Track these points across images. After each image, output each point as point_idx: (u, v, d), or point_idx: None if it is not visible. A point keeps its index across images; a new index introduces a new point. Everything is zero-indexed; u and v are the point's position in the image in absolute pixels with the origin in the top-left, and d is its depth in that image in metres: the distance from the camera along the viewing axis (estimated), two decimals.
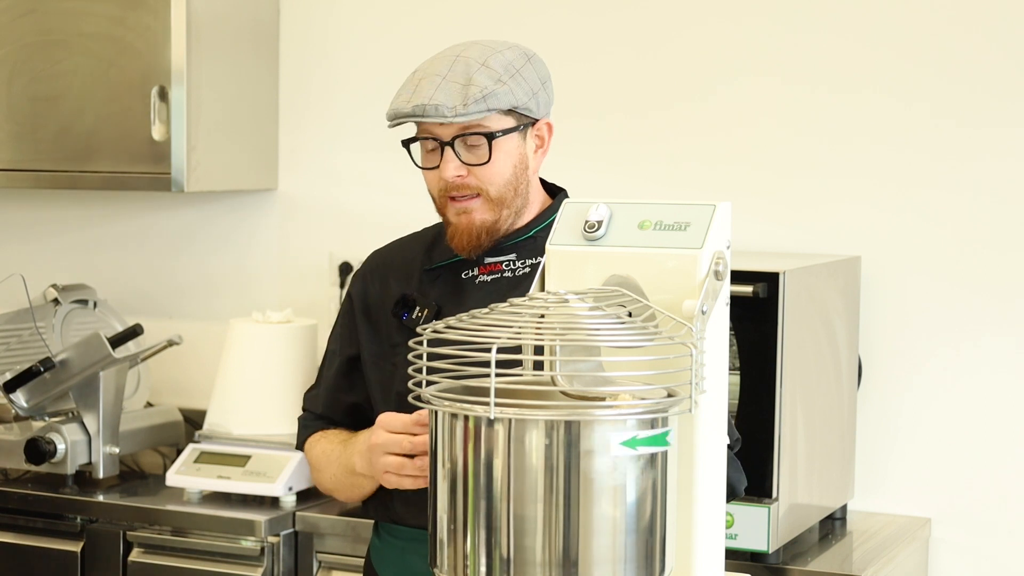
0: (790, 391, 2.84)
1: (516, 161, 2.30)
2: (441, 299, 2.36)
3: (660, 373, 1.64)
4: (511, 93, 2.25)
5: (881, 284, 3.27)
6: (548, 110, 2.35)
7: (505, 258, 2.35)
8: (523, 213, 2.35)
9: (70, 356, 3.43)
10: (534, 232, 2.36)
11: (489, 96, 2.23)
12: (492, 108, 2.23)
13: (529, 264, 2.34)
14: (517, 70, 2.28)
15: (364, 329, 2.44)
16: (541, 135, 2.35)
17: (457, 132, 2.26)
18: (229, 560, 3.21)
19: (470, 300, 2.30)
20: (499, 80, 2.25)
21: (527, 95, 2.28)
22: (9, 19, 3.66)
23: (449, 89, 2.23)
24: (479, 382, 1.60)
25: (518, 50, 2.32)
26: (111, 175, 3.59)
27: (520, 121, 2.29)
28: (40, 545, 3.38)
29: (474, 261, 2.36)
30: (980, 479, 3.22)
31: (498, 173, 2.29)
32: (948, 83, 3.22)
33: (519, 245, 2.36)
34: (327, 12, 3.75)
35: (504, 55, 2.29)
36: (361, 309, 2.45)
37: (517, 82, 2.27)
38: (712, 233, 1.75)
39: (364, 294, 2.46)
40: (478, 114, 2.23)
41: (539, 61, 2.35)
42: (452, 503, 1.62)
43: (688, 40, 3.43)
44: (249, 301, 3.79)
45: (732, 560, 2.10)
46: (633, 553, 1.60)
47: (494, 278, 2.35)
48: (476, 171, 2.28)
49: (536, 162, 2.35)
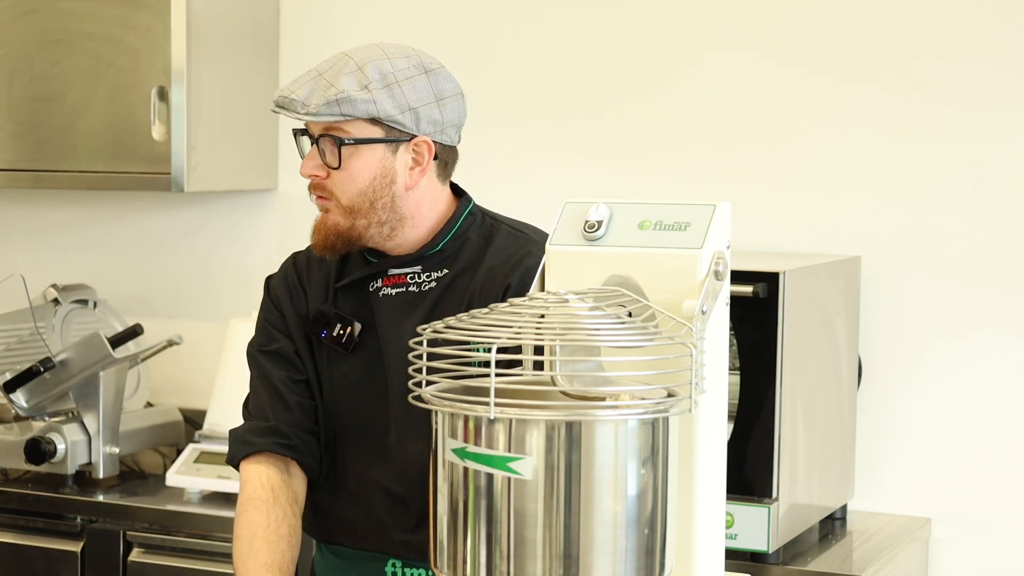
0: (790, 391, 2.84)
1: (376, 173, 2.21)
2: (356, 314, 2.30)
3: (660, 373, 1.64)
4: (373, 103, 2.17)
5: (881, 284, 3.27)
6: (437, 129, 2.23)
7: (410, 270, 2.29)
8: (403, 227, 2.26)
9: (70, 356, 3.43)
10: (441, 246, 2.29)
11: (343, 101, 2.16)
12: (346, 114, 2.17)
13: (435, 278, 2.28)
14: (397, 81, 2.19)
15: (298, 334, 2.36)
16: (420, 152, 2.23)
17: (320, 132, 2.21)
18: (229, 560, 3.20)
19: (378, 313, 2.28)
20: (365, 87, 2.17)
21: (397, 108, 2.18)
22: (9, 19, 3.66)
23: (315, 86, 2.18)
24: (479, 382, 1.60)
25: (415, 60, 2.23)
26: (111, 175, 3.59)
27: (388, 134, 2.20)
28: (40, 545, 3.38)
29: (379, 273, 2.30)
30: (980, 479, 3.22)
31: (351, 181, 2.21)
32: (949, 84, 3.22)
33: (425, 258, 2.29)
34: (327, 12, 3.75)
35: (392, 63, 2.20)
36: (295, 318, 2.36)
37: (389, 93, 2.18)
38: (712, 233, 1.75)
39: (293, 303, 2.37)
40: (329, 116, 2.17)
41: (443, 76, 2.24)
42: (452, 503, 1.62)
43: (687, 42, 3.43)
44: (249, 301, 3.78)
45: (732, 560, 2.10)
46: (633, 553, 1.60)
47: (399, 291, 2.29)
48: (333, 174, 2.22)
49: (413, 179, 2.24)
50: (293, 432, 2.33)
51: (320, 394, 2.35)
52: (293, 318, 2.36)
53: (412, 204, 2.26)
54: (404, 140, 2.22)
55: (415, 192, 2.26)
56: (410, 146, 2.23)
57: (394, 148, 2.22)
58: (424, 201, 2.27)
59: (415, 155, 2.24)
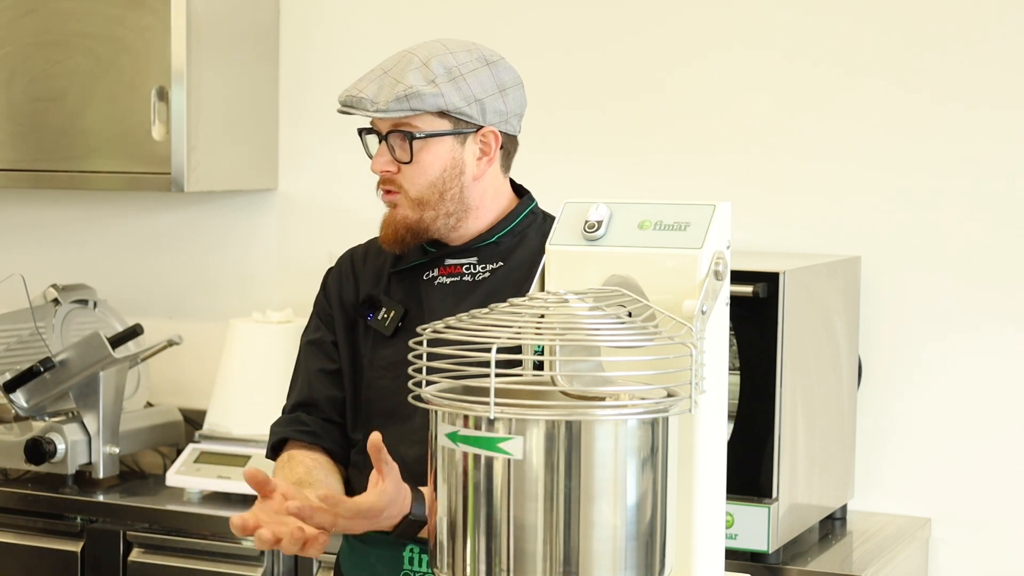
0: (790, 391, 2.84)
1: (447, 165, 2.28)
2: (405, 301, 2.36)
3: (660, 373, 1.64)
4: (441, 96, 2.23)
5: (881, 284, 3.27)
6: (502, 119, 2.31)
7: (466, 261, 2.35)
8: (468, 217, 2.33)
9: (70, 356, 3.43)
10: (497, 238, 2.35)
11: (412, 96, 2.22)
12: (416, 108, 2.23)
13: (490, 269, 2.34)
14: (461, 74, 2.25)
15: (340, 328, 2.43)
16: (487, 143, 2.30)
17: (390, 127, 2.27)
18: (229, 560, 3.21)
19: (429, 301, 2.33)
20: (432, 81, 2.23)
21: (464, 100, 2.25)
22: (9, 19, 3.66)
23: (382, 83, 2.25)
24: (479, 382, 1.60)
25: (476, 53, 2.29)
26: (111, 175, 3.59)
27: (456, 126, 2.27)
28: (40, 545, 3.38)
29: (435, 262, 2.36)
30: (980, 479, 3.22)
31: (421, 174, 2.27)
32: (950, 81, 3.22)
33: (481, 249, 2.35)
34: (327, 12, 3.75)
35: (455, 57, 2.26)
36: (339, 305, 2.44)
37: (455, 86, 2.24)
38: (712, 233, 1.75)
39: (340, 291, 2.45)
40: (398, 112, 2.23)
41: (504, 67, 2.31)
42: (452, 504, 1.62)
43: (687, 39, 3.43)
44: (249, 301, 3.79)
45: (732, 560, 2.10)
46: (633, 553, 1.60)
47: (453, 280, 2.34)
48: (403, 168, 2.28)
49: (480, 169, 2.31)
50: (313, 421, 2.41)
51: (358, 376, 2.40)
52: (338, 307, 2.43)
53: (478, 194, 2.33)
54: (471, 131, 2.29)
55: (482, 182, 2.33)
56: (477, 137, 2.30)
57: (462, 139, 2.29)
58: (488, 192, 2.34)
59: (483, 145, 2.31)
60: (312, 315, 2.50)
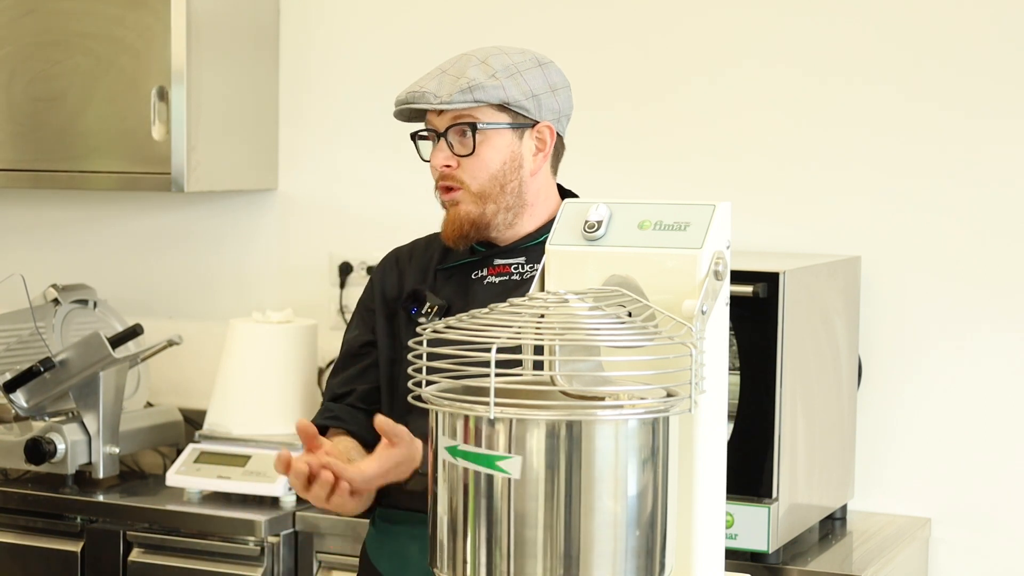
0: (790, 391, 2.84)
1: (506, 158, 2.34)
2: (451, 297, 2.40)
3: (660, 373, 1.64)
4: (502, 88, 2.30)
5: (881, 284, 3.27)
6: (555, 117, 2.38)
7: (515, 261, 2.40)
8: (524, 214, 2.39)
9: (70, 356, 3.43)
10: (543, 238, 2.36)
11: (476, 88, 2.29)
12: (479, 100, 2.29)
13: (536, 268, 2.34)
14: (518, 71, 2.33)
15: (380, 320, 2.48)
16: (543, 138, 2.37)
17: (450, 122, 2.32)
18: (229, 560, 3.21)
19: (476, 300, 2.35)
20: (492, 76, 2.30)
21: (523, 95, 2.32)
22: (9, 19, 3.66)
23: (442, 80, 2.31)
24: (479, 382, 1.59)
25: (530, 55, 2.37)
26: (111, 175, 3.59)
27: (515, 119, 2.33)
28: (40, 545, 3.38)
29: (484, 261, 2.40)
30: (980, 479, 3.22)
31: (482, 166, 2.33)
32: (950, 83, 3.22)
33: (530, 249, 2.39)
34: (327, 12, 3.75)
35: (510, 57, 2.34)
36: (380, 299, 2.50)
37: (514, 81, 2.32)
38: (712, 233, 1.75)
39: (383, 285, 2.50)
40: (462, 103, 2.29)
41: (555, 70, 2.39)
42: (452, 503, 1.62)
43: (687, 40, 3.43)
44: (249, 301, 3.79)
45: (732, 560, 2.10)
46: (633, 553, 1.60)
47: (502, 279, 2.39)
48: (463, 162, 2.33)
49: (536, 164, 2.37)
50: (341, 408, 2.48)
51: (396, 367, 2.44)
52: (380, 301, 2.49)
53: (534, 191, 2.39)
54: (529, 126, 2.35)
55: (538, 178, 2.39)
56: (534, 132, 2.36)
57: (520, 133, 2.35)
58: (543, 190, 2.41)
59: (538, 140, 2.37)
60: (356, 312, 2.56)
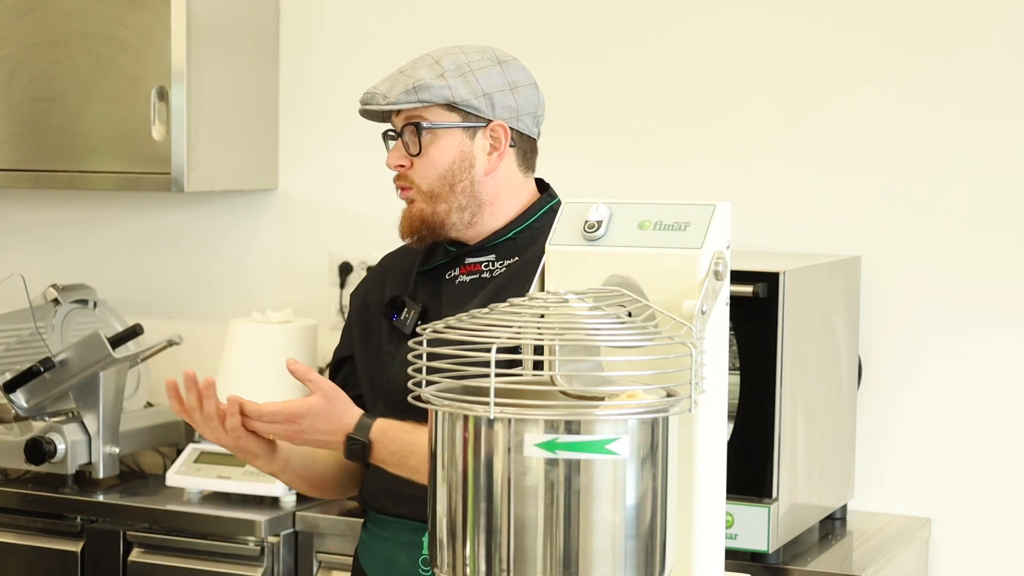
0: (790, 391, 2.84)
1: (455, 158, 2.32)
2: (427, 300, 2.40)
3: (660, 373, 1.64)
4: (448, 88, 2.29)
5: (881, 284, 3.27)
6: (513, 115, 2.34)
7: (484, 259, 2.38)
8: (483, 213, 2.36)
9: (70, 356, 3.43)
10: (513, 234, 2.38)
11: (420, 88, 2.28)
12: (423, 100, 2.28)
13: (506, 265, 2.36)
14: (471, 70, 2.31)
15: (357, 332, 2.49)
16: (496, 137, 2.34)
17: (403, 123, 2.33)
18: (229, 560, 3.21)
19: (449, 300, 2.36)
20: (440, 75, 2.29)
21: (472, 93, 2.30)
22: (9, 19, 3.66)
23: (395, 81, 2.32)
24: (479, 382, 1.59)
25: (489, 53, 2.35)
26: (111, 175, 3.59)
27: (465, 119, 2.32)
28: (40, 545, 3.38)
29: (456, 261, 2.39)
30: (980, 479, 3.22)
31: (431, 166, 2.32)
32: (949, 83, 3.22)
33: (498, 246, 2.38)
34: (327, 12, 3.75)
35: (467, 55, 2.33)
36: (357, 311, 2.51)
37: (464, 80, 2.30)
38: (712, 233, 1.75)
39: (364, 297, 2.51)
40: (407, 104, 2.29)
41: (516, 67, 2.36)
42: (451, 503, 1.62)
43: (687, 40, 3.43)
44: (249, 301, 3.79)
45: (732, 560, 2.10)
46: (633, 553, 1.60)
47: (472, 278, 2.38)
48: (415, 162, 2.33)
49: (492, 163, 2.34)
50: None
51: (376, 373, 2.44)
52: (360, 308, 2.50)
53: (491, 190, 2.36)
54: (481, 125, 2.33)
55: (494, 177, 2.36)
56: (487, 131, 2.33)
57: (471, 133, 2.33)
58: (503, 188, 2.37)
59: (492, 140, 2.34)
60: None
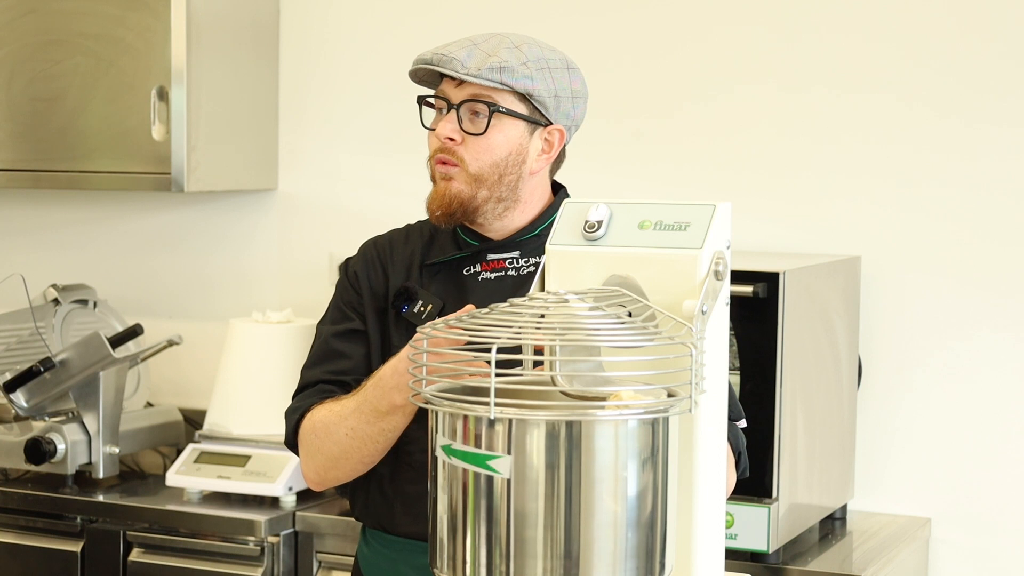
0: (790, 391, 2.84)
1: (513, 149, 2.25)
2: (444, 295, 2.31)
3: (660, 373, 1.64)
4: (530, 79, 2.22)
5: (881, 284, 3.27)
6: (568, 122, 2.30)
7: (508, 255, 2.32)
8: (516, 209, 2.30)
9: (70, 356, 3.43)
10: (539, 230, 2.32)
11: (506, 69, 2.21)
12: (506, 83, 2.21)
13: (533, 263, 2.30)
14: (548, 67, 2.25)
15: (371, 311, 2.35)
16: (551, 140, 2.29)
17: (466, 97, 2.24)
18: (229, 560, 3.21)
19: (473, 297, 2.27)
20: (524, 63, 2.23)
21: (547, 92, 2.24)
22: (9, 19, 3.66)
23: (472, 52, 2.23)
24: (479, 382, 1.60)
25: (560, 55, 2.29)
26: (111, 175, 3.59)
27: (532, 114, 2.26)
28: (40, 545, 3.38)
29: (476, 257, 2.32)
30: (980, 479, 3.22)
31: (488, 150, 2.24)
32: (948, 83, 3.22)
33: (523, 243, 2.32)
34: (327, 12, 3.75)
35: (543, 51, 2.27)
36: (368, 291, 2.36)
37: (543, 76, 2.24)
38: (712, 233, 1.76)
39: (368, 282, 2.37)
40: (489, 82, 2.20)
41: (579, 78, 2.31)
42: (452, 503, 1.62)
43: (688, 39, 3.43)
44: (249, 301, 3.79)
45: (732, 560, 2.11)
46: (633, 553, 1.60)
47: (497, 275, 2.31)
48: (469, 141, 2.24)
49: (539, 164, 2.29)
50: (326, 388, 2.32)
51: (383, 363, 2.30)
52: (368, 295, 2.36)
53: (529, 189, 2.31)
54: (542, 124, 2.28)
55: (535, 178, 2.32)
56: (544, 132, 2.29)
57: (532, 129, 2.28)
58: (538, 190, 2.33)
59: (546, 142, 2.30)
60: (335, 304, 2.39)
